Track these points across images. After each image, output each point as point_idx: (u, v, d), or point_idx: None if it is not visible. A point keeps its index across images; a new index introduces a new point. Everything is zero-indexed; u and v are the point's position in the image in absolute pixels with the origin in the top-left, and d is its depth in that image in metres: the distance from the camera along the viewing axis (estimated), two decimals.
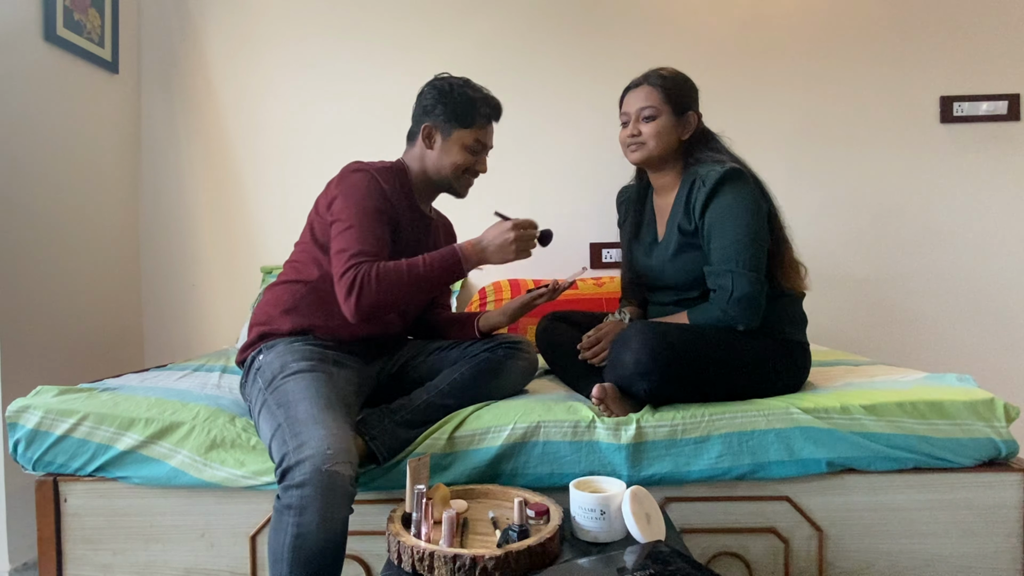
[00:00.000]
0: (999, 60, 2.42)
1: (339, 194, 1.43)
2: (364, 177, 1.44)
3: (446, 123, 1.50)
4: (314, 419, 1.17)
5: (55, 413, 1.38)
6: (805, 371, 1.51)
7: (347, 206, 1.41)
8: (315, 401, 1.22)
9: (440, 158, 1.52)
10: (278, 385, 1.29)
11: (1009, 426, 1.34)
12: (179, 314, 2.57)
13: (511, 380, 1.52)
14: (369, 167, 1.48)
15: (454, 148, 1.51)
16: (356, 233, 1.38)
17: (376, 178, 1.45)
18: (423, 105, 1.53)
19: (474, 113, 1.50)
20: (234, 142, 2.56)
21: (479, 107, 1.51)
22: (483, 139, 1.54)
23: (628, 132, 1.55)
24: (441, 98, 1.50)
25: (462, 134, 1.51)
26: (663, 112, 1.52)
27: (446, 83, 1.52)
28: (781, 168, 2.45)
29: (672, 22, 2.49)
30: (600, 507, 1.08)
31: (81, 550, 1.40)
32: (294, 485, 1.09)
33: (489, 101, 1.53)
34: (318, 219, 1.49)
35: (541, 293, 1.57)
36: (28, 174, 1.96)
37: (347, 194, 1.42)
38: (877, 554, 1.36)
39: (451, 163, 1.52)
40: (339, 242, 1.39)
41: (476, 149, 1.53)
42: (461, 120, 1.50)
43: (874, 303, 2.48)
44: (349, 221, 1.39)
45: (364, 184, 1.43)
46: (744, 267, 1.40)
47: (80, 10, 2.16)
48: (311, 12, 2.53)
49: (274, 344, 1.42)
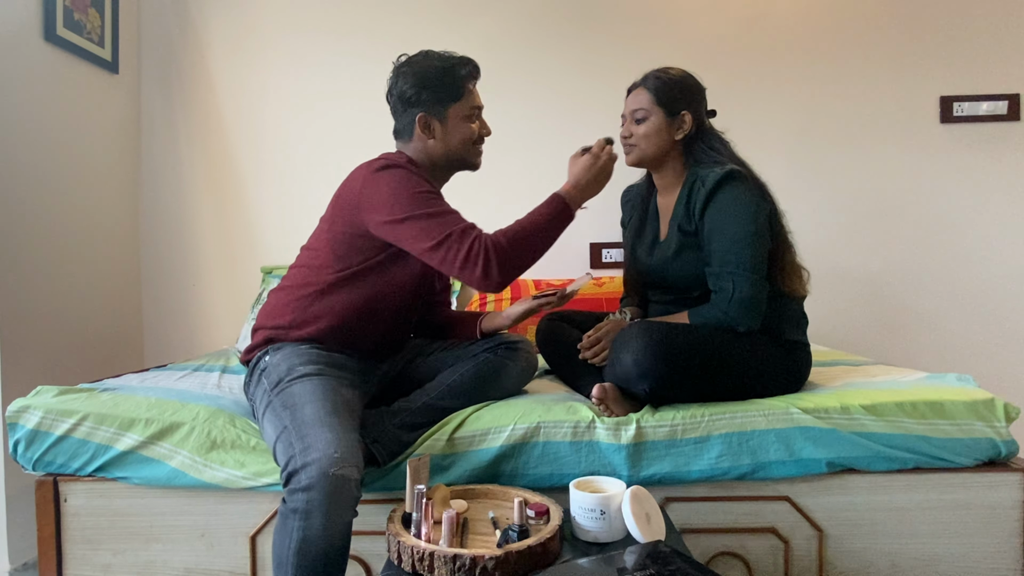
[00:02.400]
0: (999, 60, 2.42)
1: (386, 197, 1.33)
2: (404, 171, 1.36)
3: (437, 105, 1.44)
4: (321, 422, 1.17)
5: (55, 413, 1.38)
6: (805, 371, 1.51)
7: (407, 198, 1.32)
8: (322, 404, 1.21)
9: (447, 141, 1.46)
10: (284, 387, 1.28)
11: (1009, 426, 1.34)
12: (179, 314, 2.57)
13: (511, 381, 1.52)
14: (398, 160, 1.40)
15: (456, 125, 1.45)
16: (438, 219, 1.31)
17: (407, 165, 1.39)
18: (405, 99, 1.44)
19: (459, 82, 1.44)
20: (234, 142, 2.56)
21: (459, 73, 1.44)
22: (476, 101, 1.48)
23: (621, 133, 1.56)
24: (421, 83, 1.42)
25: (457, 108, 1.45)
26: (654, 113, 1.52)
27: (415, 66, 1.44)
28: (781, 168, 2.45)
29: (673, 22, 2.49)
30: (600, 507, 1.08)
31: (81, 550, 1.40)
32: (300, 489, 1.08)
33: (463, 62, 1.46)
34: (341, 224, 1.40)
35: (548, 300, 1.53)
36: (28, 174, 1.96)
37: (398, 190, 1.33)
38: (877, 554, 1.36)
39: (460, 140, 1.46)
40: (425, 237, 1.30)
41: (475, 115, 1.48)
42: (451, 96, 1.44)
43: (874, 303, 2.48)
44: (418, 209, 1.31)
45: (405, 173, 1.35)
46: (744, 268, 1.40)
47: (80, 10, 2.16)
48: (311, 12, 2.53)
49: (281, 346, 1.40)
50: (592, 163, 1.42)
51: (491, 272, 1.30)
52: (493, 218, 1.64)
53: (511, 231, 1.34)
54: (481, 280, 1.31)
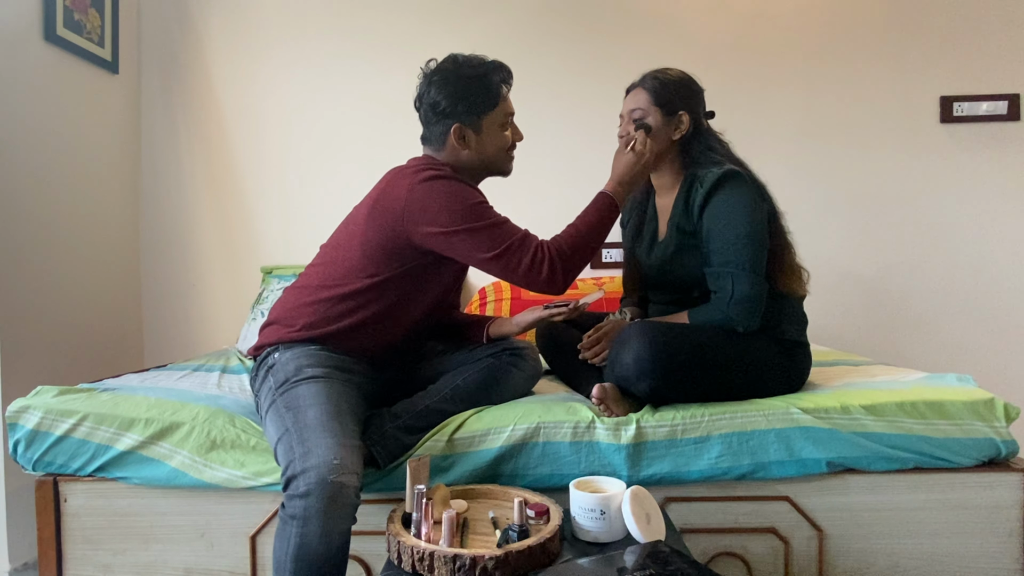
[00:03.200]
0: (999, 60, 2.42)
1: (439, 206, 1.32)
2: (455, 183, 1.37)
3: (472, 116, 1.42)
4: (323, 427, 1.16)
5: (55, 413, 1.38)
6: (805, 371, 1.51)
7: (461, 210, 1.33)
8: (325, 408, 1.21)
9: (482, 150, 1.45)
10: (290, 388, 1.28)
11: (1009, 426, 1.34)
12: (179, 314, 2.57)
13: (515, 387, 1.51)
14: (444, 171, 1.39)
15: (491, 134, 1.44)
16: (496, 228, 1.34)
17: (460, 179, 1.40)
18: (438, 109, 1.42)
19: (494, 90, 1.43)
20: (234, 142, 2.56)
21: (493, 80, 1.43)
22: (509, 109, 1.47)
23: (619, 133, 1.56)
24: (455, 93, 1.40)
25: (492, 117, 1.43)
26: (651, 113, 1.51)
27: (448, 75, 1.41)
28: (781, 168, 2.45)
29: (673, 22, 2.49)
30: (600, 507, 1.08)
31: (81, 550, 1.40)
32: (298, 495, 1.08)
33: (496, 68, 1.44)
34: (381, 231, 1.37)
35: (560, 312, 1.51)
36: (28, 174, 1.96)
37: (451, 201, 1.33)
38: (877, 554, 1.36)
39: (495, 148, 1.46)
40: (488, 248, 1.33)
41: (508, 122, 1.48)
42: (487, 105, 1.42)
43: (874, 303, 2.48)
44: (476, 221, 1.33)
45: (459, 187, 1.36)
46: (744, 268, 1.40)
47: (80, 10, 2.16)
48: (311, 12, 2.53)
49: (291, 345, 1.38)
50: (636, 160, 1.46)
51: (556, 276, 1.36)
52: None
53: (569, 236, 1.40)
54: (546, 284, 1.37)
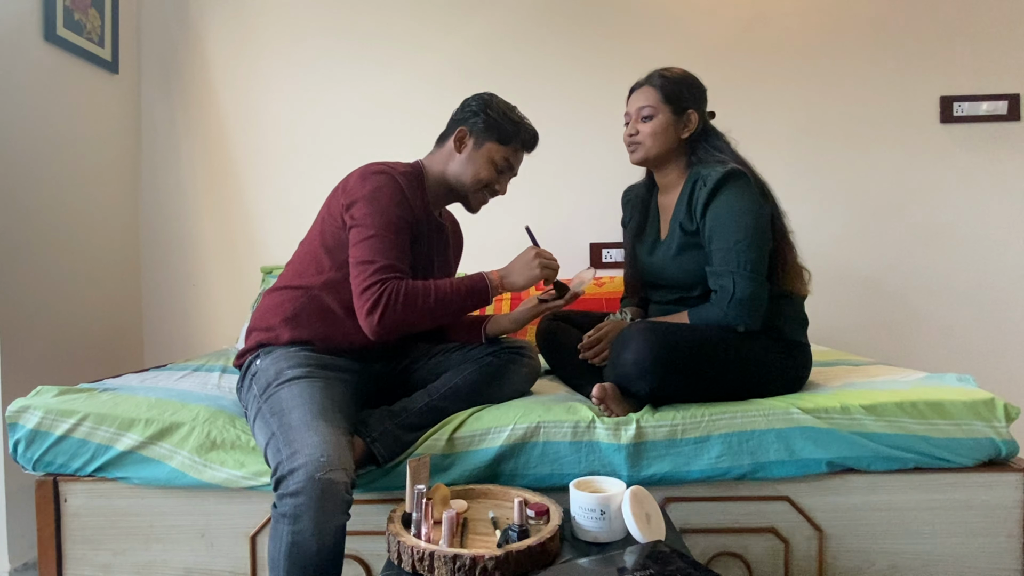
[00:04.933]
0: (999, 60, 2.42)
1: (361, 198, 1.37)
2: (389, 181, 1.39)
3: (483, 132, 1.49)
4: (307, 426, 1.17)
5: (55, 413, 1.38)
6: (805, 371, 1.51)
7: (371, 212, 1.35)
8: (309, 408, 1.21)
9: (465, 165, 1.50)
10: (272, 392, 1.28)
11: (1009, 426, 1.34)
12: (179, 314, 2.57)
13: (513, 385, 1.51)
14: (392, 169, 1.42)
15: (482, 159, 1.49)
16: (380, 244, 1.33)
17: (399, 182, 1.41)
18: (465, 111, 1.51)
19: (512, 134, 1.49)
20: (234, 142, 2.56)
21: (520, 130, 1.50)
22: (512, 160, 1.52)
23: (627, 132, 1.56)
24: (486, 109, 1.49)
25: (494, 148, 1.49)
26: (661, 111, 1.52)
27: (495, 99, 1.52)
28: (781, 167, 2.45)
29: (673, 22, 2.49)
30: (600, 507, 1.08)
31: (81, 550, 1.40)
32: (288, 494, 1.09)
33: (530, 130, 1.53)
34: (330, 220, 1.43)
35: (554, 301, 1.52)
36: (28, 174, 1.96)
37: (371, 199, 1.36)
38: (877, 554, 1.36)
39: (474, 173, 1.49)
40: (361, 251, 1.34)
41: (503, 168, 1.52)
42: (498, 135, 1.49)
43: (874, 303, 2.48)
44: (372, 229, 1.34)
45: (389, 189, 1.38)
46: (745, 268, 1.40)
47: (80, 10, 2.16)
48: (311, 12, 2.53)
49: (271, 350, 1.40)
50: (529, 260, 1.43)
51: (373, 315, 1.30)
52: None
53: (418, 289, 1.33)
54: (364, 317, 1.31)
